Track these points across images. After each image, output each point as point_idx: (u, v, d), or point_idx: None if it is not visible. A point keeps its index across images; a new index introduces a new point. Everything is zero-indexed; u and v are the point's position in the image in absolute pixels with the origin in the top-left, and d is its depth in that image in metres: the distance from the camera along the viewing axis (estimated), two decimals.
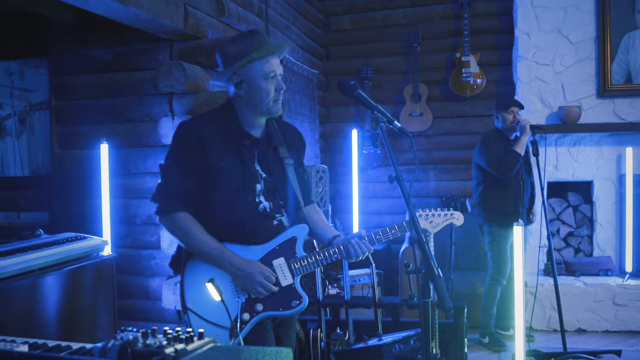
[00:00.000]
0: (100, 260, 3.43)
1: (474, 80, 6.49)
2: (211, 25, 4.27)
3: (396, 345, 2.23)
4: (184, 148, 2.51)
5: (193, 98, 4.13)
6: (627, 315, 5.46)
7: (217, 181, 2.49)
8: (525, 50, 5.99)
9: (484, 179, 5.03)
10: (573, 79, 5.92)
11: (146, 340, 1.41)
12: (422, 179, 6.82)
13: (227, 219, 2.51)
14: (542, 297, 5.50)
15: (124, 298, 4.26)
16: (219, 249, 2.46)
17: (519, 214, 4.91)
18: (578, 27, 5.90)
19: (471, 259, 5.98)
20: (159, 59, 4.22)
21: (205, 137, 2.48)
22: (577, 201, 6.13)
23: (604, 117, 5.84)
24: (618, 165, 5.89)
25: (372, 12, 6.98)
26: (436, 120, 6.73)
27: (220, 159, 2.49)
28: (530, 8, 5.96)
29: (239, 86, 2.51)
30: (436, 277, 1.78)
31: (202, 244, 2.46)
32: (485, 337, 5.13)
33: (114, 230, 4.13)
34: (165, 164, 2.57)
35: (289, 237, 2.56)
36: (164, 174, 2.57)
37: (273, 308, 2.47)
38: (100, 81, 4.41)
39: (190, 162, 2.48)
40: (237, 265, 2.44)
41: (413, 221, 1.87)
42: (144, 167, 4.31)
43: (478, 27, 6.62)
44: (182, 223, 2.48)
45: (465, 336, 3.74)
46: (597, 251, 5.96)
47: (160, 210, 2.52)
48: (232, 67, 2.49)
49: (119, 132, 4.33)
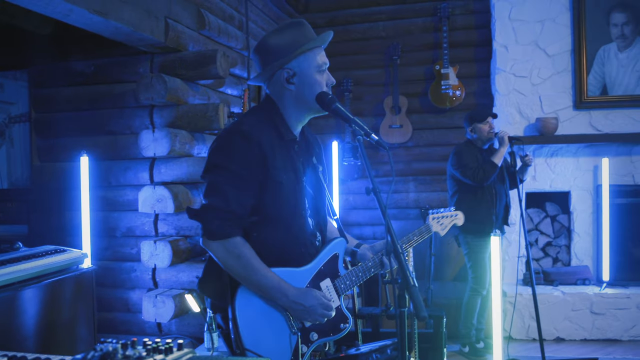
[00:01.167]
0: (80, 273, 3.43)
1: (453, 92, 6.57)
2: (192, 38, 4.30)
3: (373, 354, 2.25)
4: (244, 159, 2.16)
5: (174, 110, 4.15)
6: (604, 323, 5.53)
7: (278, 198, 2.22)
8: (503, 63, 6.07)
9: (458, 189, 5.10)
10: (550, 91, 6.01)
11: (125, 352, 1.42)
12: (403, 190, 6.87)
13: (283, 241, 2.25)
14: (521, 307, 5.56)
15: (104, 311, 4.25)
16: (275, 280, 2.16)
17: (493, 223, 4.97)
18: (555, 40, 6.00)
19: (451, 269, 6.02)
20: (140, 72, 4.24)
21: (264, 145, 2.19)
22: (555, 211, 6.20)
23: (580, 129, 5.93)
24: (594, 175, 5.97)
25: (352, 25, 7.05)
26: (416, 131, 6.79)
27: (281, 170, 2.22)
28: (508, 21, 6.05)
29: (289, 80, 2.25)
30: (412, 287, 1.80)
31: (258, 275, 2.14)
32: (466, 347, 5.17)
33: (94, 242, 4.12)
34: (216, 178, 2.18)
35: (331, 255, 2.37)
36: (216, 190, 2.17)
37: (325, 334, 2.30)
38: (80, 93, 4.42)
39: (251, 176, 2.17)
40: (295, 299, 2.18)
41: (389, 232, 1.90)
42: (124, 180, 4.31)
43: (457, 40, 6.71)
44: (240, 251, 2.15)
45: (444, 346, 3.77)
46: (575, 261, 6.03)
47: (214, 234, 2.14)
48: (281, 60, 2.24)
49: (99, 145, 4.33)
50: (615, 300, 5.52)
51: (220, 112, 4.10)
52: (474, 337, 5.19)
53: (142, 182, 4.23)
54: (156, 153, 4.02)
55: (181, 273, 4.14)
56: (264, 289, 2.16)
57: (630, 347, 5.34)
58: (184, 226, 4.18)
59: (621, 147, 5.88)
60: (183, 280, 4.14)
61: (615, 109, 5.89)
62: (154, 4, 3.84)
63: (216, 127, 4.13)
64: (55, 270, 3.23)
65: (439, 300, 5.50)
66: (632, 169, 5.88)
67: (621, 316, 5.50)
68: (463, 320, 5.17)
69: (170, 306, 3.97)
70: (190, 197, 4.17)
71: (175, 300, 3.98)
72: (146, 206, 4.07)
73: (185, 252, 4.22)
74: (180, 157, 4.14)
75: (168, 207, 4.01)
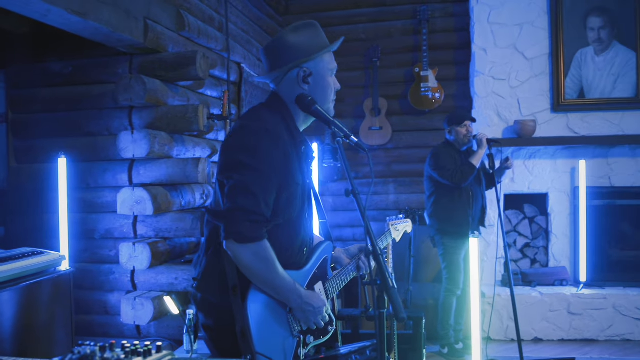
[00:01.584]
0: (57, 276, 3.40)
1: (433, 94, 6.61)
2: (171, 39, 4.28)
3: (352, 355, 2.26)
4: (271, 159, 2.11)
5: (153, 112, 4.13)
6: (581, 324, 5.59)
7: (291, 200, 2.20)
8: (482, 66, 6.12)
9: (435, 190, 5.13)
10: (528, 93, 6.07)
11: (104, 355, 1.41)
12: (382, 192, 6.90)
13: (293, 243, 2.26)
14: (500, 308, 5.60)
15: (82, 313, 4.21)
16: (291, 282, 2.15)
17: (469, 225, 5.02)
18: (533, 44, 6.06)
19: (430, 271, 6.05)
20: (119, 73, 4.22)
21: (287, 146, 2.17)
22: (533, 213, 6.26)
23: (558, 131, 6.00)
24: (572, 177, 6.04)
25: (332, 27, 7.06)
26: (395, 134, 6.82)
27: (297, 172, 2.21)
28: (487, 25, 6.10)
29: (305, 80, 2.23)
30: (391, 289, 1.81)
31: (279, 278, 2.12)
32: (445, 348, 5.20)
33: (72, 245, 4.08)
34: (243, 178, 2.09)
35: (322, 258, 2.39)
36: (245, 191, 2.07)
37: (317, 337, 2.32)
38: (58, 94, 4.38)
39: (276, 177, 2.13)
40: (307, 300, 2.18)
41: (369, 233, 1.91)
42: (102, 181, 4.28)
43: (436, 42, 6.75)
44: (268, 254, 2.10)
45: (423, 347, 3.79)
46: (553, 262, 6.09)
47: (241, 236, 2.06)
48: (299, 59, 2.22)
49: (77, 146, 4.29)
50: (592, 301, 5.59)
51: (199, 114, 4.09)
52: (452, 337, 5.22)
53: (120, 183, 4.21)
54: (135, 154, 4.00)
55: (160, 275, 4.12)
56: (280, 290, 2.14)
57: (607, 347, 5.41)
58: (163, 228, 4.16)
59: (598, 150, 5.96)
60: (162, 282, 4.11)
61: (592, 111, 5.97)
62: (133, 5, 3.82)
63: (196, 129, 4.12)
64: (32, 273, 3.19)
65: (418, 302, 5.53)
66: (608, 171, 5.95)
67: (598, 316, 5.56)
68: (440, 321, 5.21)
69: (150, 308, 3.95)
70: (170, 198, 4.15)
71: (154, 302, 3.96)
72: (125, 208, 4.04)
73: (165, 254, 4.21)
74: (159, 159, 4.12)
75: (147, 209, 3.99)
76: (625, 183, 5.95)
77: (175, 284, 4.09)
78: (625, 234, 6.22)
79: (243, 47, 5.65)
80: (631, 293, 5.60)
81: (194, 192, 4.40)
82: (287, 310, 2.20)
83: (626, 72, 5.94)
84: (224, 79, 5.15)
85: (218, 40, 4.97)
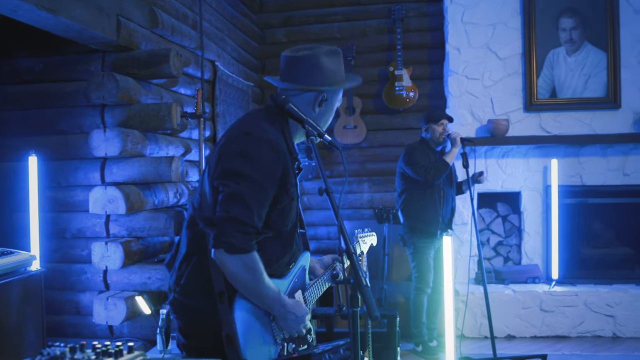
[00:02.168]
0: (28, 276, 3.35)
1: (407, 93, 6.64)
2: (144, 36, 4.24)
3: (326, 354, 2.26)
4: (270, 172, 2.13)
5: (125, 110, 4.09)
6: (553, 320, 5.66)
7: (284, 213, 2.22)
8: (456, 65, 6.15)
9: (406, 188, 5.16)
10: (501, 93, 6.12)
11: (74, 355, 1.39)
12: (357, 191, 6.92)
13: (283, 255, 2.29)
14: (473, 305, 5.64)
15: (53, 314, 4.16)
16: (276, 291, 2.17)
17: (438, 224, 5.05)
18: (506, 43, 6.11)
19: (404, 269, 6.08)
20: (91, 70, 4.16)
21: (287, 159, 2.19)
22: (506, 211, 6.32)
23: (530, 130, 6.06)
24: (544, 176, 6.11)
25: (307, 25, 7.06)
26: (370, 132, 6.84)
27: (293, 186, 2.24)
28: (461, 24, 6.14)
29: (320, 104, 2.30)
30: (364, 287, 1.82)
31: (265, 288, 2.13)
32: (419, 346, 5.23)
33: (42, 244, 4.02)
34: (240, 188, 2.08)
35: (301, 268, 2.42)
36: (240, 201, 2.07)
37: (298, 345, 2.34)
38: (29, 92, 4.31)
39: (272, 190, 2.14)
40: (290, 309, 2.20)
41: (342, 232, 1.91)
42: (74, 180, 4.23)
43: (411, 42, 6.78)
44: (254, 266, 2.10)
45: (397, 345, 3.80)
46: (525, 259, 6.15)
47: (232, 247, 2.05)
48: (326, 84, 2.28)
49: (48, 144, 4.23)
50: (564, 298, 5.66)
51: (173, 112, 4.06)
52: (426, 335, 5.25)
53: (92, 182, 4.16)
54: (107, 153, 3.96)
55: (133, 275, 4.08)
56: (265, 299, 2.16)
57: (579, 343, 5.48)
58: (135, 227, 4.12)
59: (569, 149, 6.03)
60: (135, 282, 4.08)
61: (563, 111, 6.04)
62: (106, 2, 3.77)
63: (169, 127, 4.09)
64: (2, 273, 3.15)
65: (392, 300, 5.56)
66: (580, 170, 6.03)
67: (569, 313, 5.63)
68: (413, 319, 5.23)
69: (122, 308, 3.91)
70: (143, 197, 4.12)
71: (127, 302, 3.92)
72: (97, 207, 4.00)
73: (138, 253, 4.17)
74: (132, 157, 4.08)
75: (120, 207, 3.95)
76: (596, 182, 6.03)
77: (149, 284, 4.05)
78: (596, 232, 6.31)
79: (217, 45, 5.62)
80: (602, 290, 5.68)
81: (167, 191, 4.37)
82: (270, 318, 2.22)
83: (597, 72, 6.02)
84: (197, 77, 5.12)
85: (192, 38, 4.93)
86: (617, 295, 5.63)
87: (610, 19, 5.97)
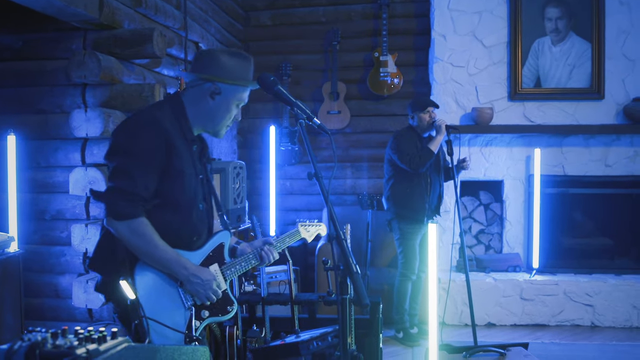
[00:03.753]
0: (5, 258, 3.29)
1: (391, 79, 6.60)
2: (127, 15, 4.16)
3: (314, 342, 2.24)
4: (152, 146, 2.32)
5: (107, 90, 4.01)
6: (533, 309, 5.69)
7: (179, 186, 2.40)
8: (441, 52, 6.13)
9: (394, 174, 5.15)
10: (486, 81, 6.11)
11: (56, 341, 1.35)
12: (340, 177, 6.88)
13: (182, 226, 2.43)
14: (454, 293, 5.66)
15: (31, 297, 4.09)
16: (175, 255, 2.35)
17: (426, 211, 5.05)
18: (491, 32, 6.10)
19: (386, 256, 6.07)
20: (72, 49, 4.07)
21: (171, 136, 2.36)
22: (488, 200, 6.33)
23: (514, 119, 6.06)
24: (527, 165, 6.12)
25: (292, 8, 6.98)
26: (354, 118, 6.80)
27: (183, 161, 2.40)
28: (447, 11, 6.11)
29: (212, 96, 2.45)
30: (354, 274, 1.79)
31: (159, 251, 2.31)
32: (400, 333, 5.24)
33: (21, 226, 3.95)
34: (123, 162, 2.31)
35: (218, 244, 2.57)
36: (123, 173, 2.30)
37: (215, 314, 2.50)
38: (7, 69, 4.21)
39: (157, 162, 2.33)
40: (194, 272, 2.37)
41: (332, 218, 1.88)
42: (54, 161, 4.15)
43: (396, 27, 6.73)
44: (143, 230, 2.29)
45: (380, 332, 3.79)
46: (507, 248, 6.18)
47: (118, 214, 2.27)
48: (219, 77, 2.43)
49: (27, 123, 4.14)
50: (544, 287, 5.69)
51: (156, 93, 3.98)
52: (407, 322, 5.25)
53: (73, 163, 4.08)
54: (88, 133, 3.88)
55: None
56: (165, 263, 2.32)
57: (558, 332, 5.52)
58: None
59: (552, 139, 6.05)
60: None
61: (547, 101, 6.05)
62: None
63: None
64: None
65: (375, 287, 5.55)
66: (562, 160, 6.05)
67: (549, 302, 5.67)
68: (395, 306, 5.24)
69: None
70: None
71: None
72: (77, 188, 3.92)
73: None
74: None
75: (101, 189, 3.88)
76: (578, 172, 6.06)
77: None
78: (577, 221, 6.35)
79: (201, 26, 5.54)
80: (581, 279, 5.73)
81: None
82: (178, 283, 2.39)
83: (582, 62, 6.03)
84: (181, 58, 5.04)
85: (176, 19, 4.85)
86: (596, 285, 5.68)
87: (595, 9, 5.97)
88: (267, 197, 6.41)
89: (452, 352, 4.33)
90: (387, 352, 4.90)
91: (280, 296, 3.90)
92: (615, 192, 6.11)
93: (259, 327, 3.69)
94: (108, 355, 1.36)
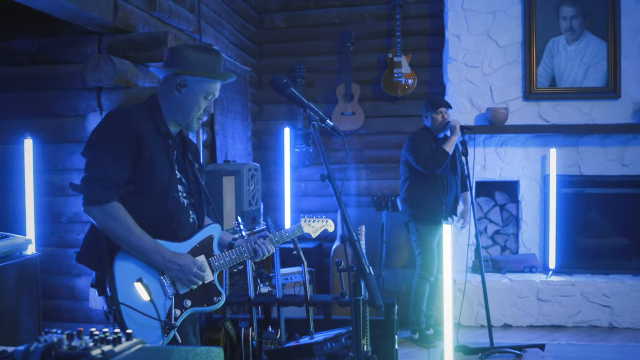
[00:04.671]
0: (23, 260, 3.32)
1: (406, 80, 6.59)
2: (142, 19, 4.18)
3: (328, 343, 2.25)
4: (121, 138, 2.46)
5: (122, 93, 4.04)
6: (550, 310, 5.66)
7: (151, 174, 2.49)
8: (455, 53, 6.11)
9: (410, 175, 5.13)
10: (501, 81, 6.08)
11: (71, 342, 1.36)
12: (354, 178, 6.88)
13: (158, 214, 2.52)
14: (470, 294, 5.64)
15: (48, 298, 4.12)
16: (152, 242, 2.44)
17: (442, 212, 5.03)
18: (506, 31, 6.07)
19: (401, 256, 6.06)
20: (87, 52, 4.10)
21: (141, 128, 2.48)
22: (503, 200, 6.30)
23: (529, 119, 6.03)
24: (542, 165, 6.08)
25: (305, 10, 6.99)
26: (368, 119, 6.79)
27: (154, 152, 2.51)
28: (461, 11, 6.09)
29: (178, 88, 2.56)
30: (367, 275, 1.79)
31: (136, 237, 2.42)
32: (416, 334, 5.22)
33: (38, 228, 3.98)
34: (96, 154, 2.48)
35: (206, 236, 2.65)
36: (95, 164, 2.46)
37: (199, 304, 2.55)
38: (24, 74, 4.25)
39: (128, 153, 2.45)
40: (171, 259, 2.46)
41: (345, 219, 1.88)
42: (70, 164, 4.18)
43: (410, 28, 6.72)
44: (117, 213, 2.41)
45: (395, 333, 3.79)
46: (523, 249, 6.14)
47: (92, 199, 2.42)
48: (182, 70, 2.54)
49: (44, 127, 4.18)
50: (561, 288, 5.65)
51: None
52: (423, 323, 5.24)
53: None
54: None
55: None
56: (142, 250, 2.42)
57: (575, 332, 5.48)
58: None
59: (568, 138, 6.01)
60: None
61: (563, 100, 6.01)
62: None
63: None
64: None
65: (390, 288, 5.54)
66: (578, 160, 6.01)
67: (566, 303, 5.63)
68: (412, 307, 5.22)
69: None
70: None
71: None
72: None
73: None
74: None
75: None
76: (594, 172, 6.01)
77: None
78: (594, 221, 6.30)
79: (215, 29, 5.56)
80: (598, 280, 5.68)
81: None
82: (159, 272, 2.48)
83: (597, 61, 5.98)
84: None
85: (189, 22, 4.87)
86: (613, 285, 5.63)
87: (611, 8, 5.93)
88: (282, 199, 6.42)
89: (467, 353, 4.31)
90: (403, 353, 4.89)
91: (296, 298, 3.90)
92: (632, 192, 6.05)
93: (274, 329, 3.69)
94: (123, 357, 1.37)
